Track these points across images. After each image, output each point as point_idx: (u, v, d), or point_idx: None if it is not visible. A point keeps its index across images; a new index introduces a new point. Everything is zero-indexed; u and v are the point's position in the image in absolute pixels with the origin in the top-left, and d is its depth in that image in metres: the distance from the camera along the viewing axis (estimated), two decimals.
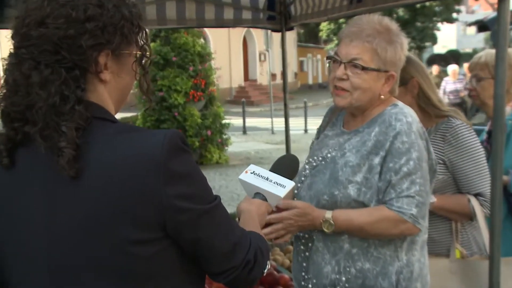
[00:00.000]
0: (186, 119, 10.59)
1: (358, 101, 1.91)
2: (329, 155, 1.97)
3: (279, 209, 1.84)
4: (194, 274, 1.26)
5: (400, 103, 1.95)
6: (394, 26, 1.92)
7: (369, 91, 1.89)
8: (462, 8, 40.97)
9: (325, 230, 1.85)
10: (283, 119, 4.58)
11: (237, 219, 1.56)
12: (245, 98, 21.03)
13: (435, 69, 15.11)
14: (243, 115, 16.49)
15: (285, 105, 4.56)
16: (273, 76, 24.83)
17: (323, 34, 35.75)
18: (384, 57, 1.86)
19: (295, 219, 1.85)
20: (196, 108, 10.80)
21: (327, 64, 2.01)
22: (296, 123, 14.97)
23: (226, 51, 25.45)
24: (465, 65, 13.09)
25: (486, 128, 2.94)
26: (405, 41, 1.93)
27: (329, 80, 1.99)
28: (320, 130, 2.18)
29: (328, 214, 1.85)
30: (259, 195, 1.67)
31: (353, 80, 1.88)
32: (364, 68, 1.86)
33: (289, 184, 1.68)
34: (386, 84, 1.91)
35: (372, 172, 1.84)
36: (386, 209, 1.82)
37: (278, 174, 1.72)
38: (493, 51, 2.47)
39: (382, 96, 1.92)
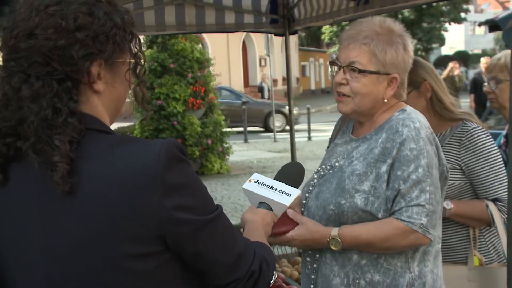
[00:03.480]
0: (186, 128, 10.47)
1: (360, 106, 1.86)
2: (337, 163, 1.93)
3: (284, 217, 1.78)
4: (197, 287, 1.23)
5: (408, 108, 1.90)
6: (396, 27, 1.87)
7: (369, 96, 1.85)
8: (471, 7, 40.84)
9: (333, 248, 1.81)
10: None
11: (241, 229, 1.54)
12: None
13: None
14: (244, 122, 16.26)
15: (290, 111, 4.54)
16: (274, 81, 24.60)
17: (325, 37, 35.68)
18: (383, 59, 1.81)
19: (300, 239, 1.83)
20: (195, 117, 10.72)
21: (330, 70, 1.97)
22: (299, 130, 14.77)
23: (225, 57, 25.36)
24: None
25: (504, 132, 2.90)
26: (409, 42, 1.88)
27: (333, 87, 1.96)
28: (331, 139, 2.15)
29: (334, 232, 1.80)
30: (264, 204, 1.64)
31: (352, 85, 1.84)
32: (361, 71, 1.82)
33: (295, 192, 1.66)
34: (389, 87, 1.85)
35: (379, 181, 1.79)
36: (394, 221, 1.76)
37: (283, 182, 1.69)
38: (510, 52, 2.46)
39: (386, 100, 1.87)
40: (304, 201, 1.98)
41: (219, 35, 20.37)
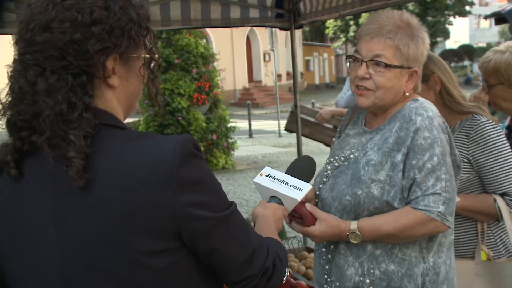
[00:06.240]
0: (191, 124, 10.47)
1: (382, 100, 1.87)
2: (351, 155, 1.93)
3: (299, 209, 1.80)
4: (211, 284, 1.23)
5: (420, 98, 1.91)
6: (414, 20, 1.88)
7: (392, 90, 1.86)
8: (475, 0, 40.62)
9: (353, 241, 1.83)
10: None
11: (252, 224, 1.53)
12: (250, 100, 20.85)
13: None
14: (249, 118, 16.35)
15: (296, 106, 4.57)
16: (279, 76, 24.58)
17: (329, 32, 35.58)
18: (406, 53, 1.83)
19: (321, 235, 1.85)
20: (200, 112, 10.71)
21: (348, 64, 1.96)
22: None
23: (229, 52, 25.32)
24: None
25: (506, 123, 2.88)
26: (426, 35, 1.90)
27: (350, 80, 1.96)
28: (342, 129, 2.14)
29: (354, 225, 1.81)
30: (275, 198, 1.63)
31: (376, 79, 1.84)
32: (387, 66, 1.82)
33: (306, 187, 1.65)
34: (410, 80, 1.87)
35: (395, 170, 1.79)
36: (412, 210, 1.77)
37: (294, 176, 1.68)
38: (500, 50, 2.51)
39: (407, 94, 1.88)
40: (317, 192, 1.98)
41: (223, 30, 20.35)
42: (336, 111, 5.38)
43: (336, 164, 1.97)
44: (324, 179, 1.98)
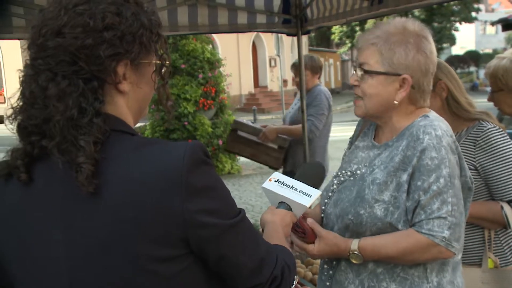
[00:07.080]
0: (197, 129, 10.47)
1: (370, 108, 1.81)
2: (358, 171, 1.87)
3: (301, 223, 1.78)
4: None
5: (432, 115, 1.81)
6: (414, 27, 1.78)
7: (377, 97, 1.79)
8: (481, 6, 40.61)
9: (354, 261, 1.77)
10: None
11: (260, 230, 1.53)
12: (255, 105, 20.87)
13: None
14: (254, 123, 16.21)
15: (303, 111, 4.51)
16: (284, 82, 24.59)
17: (335, 37, 35.57)
18: (390, 59, 1.75)
19: (319, 254, 1.80)
20: (206, 117, 10.69)
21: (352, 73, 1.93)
22: None
23: (235, 57, 25.36)
24: None
25: None
26: (426, 43, 1.78)
27: None
28: (353, 140, 2.08)
29: (354, 246, 1.75)
30: (284, 204, 1.62)
31: (361, 86, 1.81)
32: (366, 72, 1.78)
33: (315, 193, 1.64)
34: (402, 89, 1.76)
35: (400, 190, 1.71)
36: (415, 234, 1.68)
37: (303, 182, 1.66)
38: (501, 57, 2.53)
39: (396, 102, 1.78)
40: (323, 207, 1.93)
41: (229, 35, 20.40)
42: (281, 129, 4.97)
43: (342, 178, 1.91)
44: (330, 194, 1.92)
